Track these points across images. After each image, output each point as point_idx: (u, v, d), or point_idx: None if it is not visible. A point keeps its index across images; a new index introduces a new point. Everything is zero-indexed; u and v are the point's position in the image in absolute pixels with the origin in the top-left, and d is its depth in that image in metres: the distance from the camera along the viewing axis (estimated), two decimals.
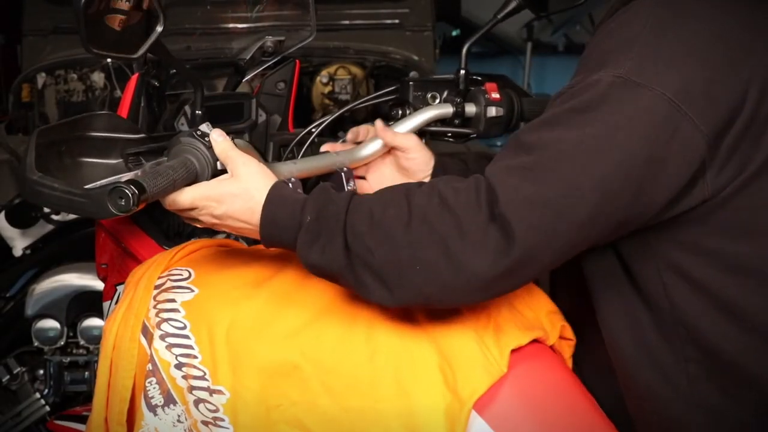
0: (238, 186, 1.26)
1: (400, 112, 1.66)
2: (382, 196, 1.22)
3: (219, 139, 1.29)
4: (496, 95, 1.64)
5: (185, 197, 1.26)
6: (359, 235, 1.17)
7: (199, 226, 1.32)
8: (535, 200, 1.10)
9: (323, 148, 1.61)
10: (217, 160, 1.29)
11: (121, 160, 1.43)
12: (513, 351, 1.26)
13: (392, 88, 1.73)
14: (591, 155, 1.10)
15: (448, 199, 1.15)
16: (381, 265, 1.16)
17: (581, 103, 1.13)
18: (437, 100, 1.67)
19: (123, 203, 1.16)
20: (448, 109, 1.64)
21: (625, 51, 1.13)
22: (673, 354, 1.20)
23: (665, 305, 1.19)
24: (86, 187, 1.28)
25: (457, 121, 1.64)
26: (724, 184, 1.13)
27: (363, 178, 1.62)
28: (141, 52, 1.29)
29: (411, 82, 1.68)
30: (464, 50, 1.65)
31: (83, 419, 1.76)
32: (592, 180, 1.10)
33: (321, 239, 1.20)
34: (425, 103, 1.66)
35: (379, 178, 1.61)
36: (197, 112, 1.40)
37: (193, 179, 1.28)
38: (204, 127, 1.31)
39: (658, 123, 1.10)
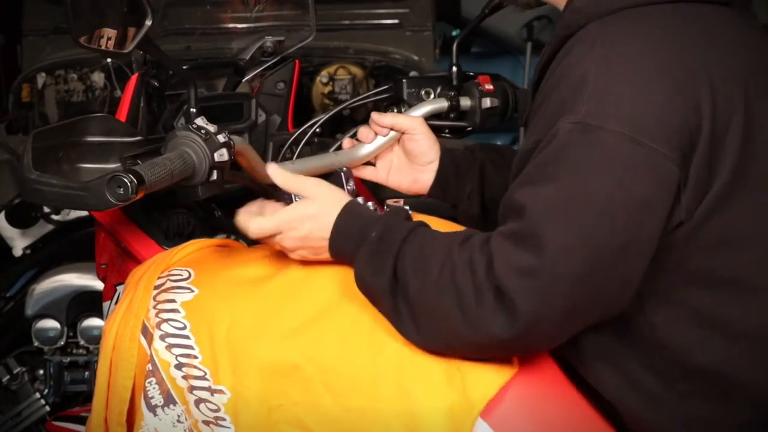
0: (317, 205, 1.31)
1: (395, 109, 1.67)
2: (438, 236, 1.24)
3: (277, 172, 1.36)
4: (489, 87, 1.65)
5: (270, 223, 1.31)
6: (406, 267, 1.20)
7: (284, 251, 1.34)
8: (528, 269, 1.10)
9: (345, 145, 1.60)
10: (215, 152, 1.30)
11: (119, 164, 1.43)
12: (521, 363, 1.25)
13: (386, 86, 1.74)
14: (570, 210, 1.10)
15: (474, 256, 1.15)
16: (414, 299, 1.19)
17: (547, 156, 1.13)
18: (431, 96, 1.68)
19: (122, 192, 1.17)
20: (443, 104, 1.64)
21: (577, 96, 1.13)
22: (659, 377, 1.19)
23: (646, 330, 1.19)
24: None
25: (452, 116, 1.65)
26: (696, 204, 1.13)
27: (373, 164, 1.62)
28: (131, 47, 1.30)
29: (404, 80, 1.68)
30: (455, 45, 1.67)
31: (82, 420, 1.76)
32: (578, 236, 1.10)
33: (376, 258, 1.22)
34: (419, 100, 1.67)
35: (386, 165, 1.62)
36: (192, 109, 1.41)
37: (190, 171, 1.28)
38: (200, 121, 1.32)
39: (626, 162, 1.09)
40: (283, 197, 1.40)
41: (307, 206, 1.32)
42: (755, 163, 1.16)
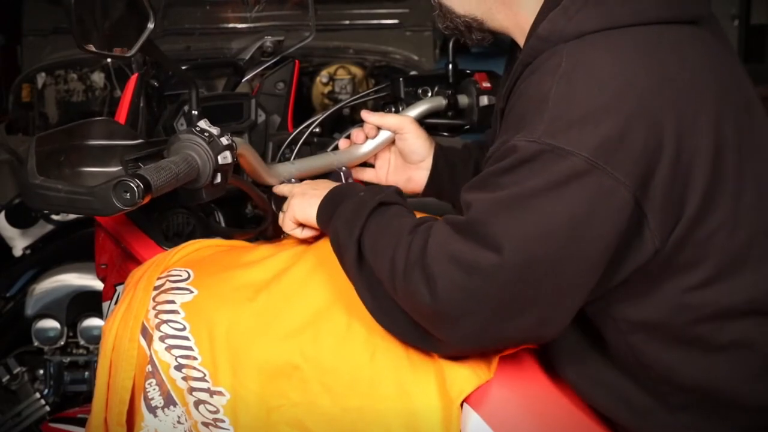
0: (320, 182, 1.44)
1: (392, 108, 1.67)
2: (397, 217, 1.26)
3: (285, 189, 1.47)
4: (486, 84, 1.65)
5: (285, 187, 1.46)
6: (366, 241, 1.25)
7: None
8: (458, 258, 1.11)
9: (341, 145, 1.61)
10: (218, 154, 1.30)
11: (120, 167, 1.43)
12: (505, 356, 1.25)
13: (383, 85, 1.74)
14: (510, 215, 1.10)
15: (414, 238, 1.18)
16: (370, 269, 1.24)
17: (499, 168, 1.13)
18: (429, 95, 1.67)
19: (128, 197, 1.17)
20: (440, 102, 1.64)
21: (536, 115, 1.12)
22: (649, 393, 1.19)
23: (626, 351, 1.18)
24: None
25: (450, 114, 1.64)
26: (669, 230, 1.12)
27: (372, 166, 1.63)
28: (134, 50, 1.30)
29: (401, 78, 1.68)
30: (451, 43, 1.66)
31: (80, 421, 1.76)
32: (513, 241, 1.09)
33: (346, 228, 1.28)
34: (417, 99, 1.67)
35: (385, 165, 1.63)
36: (193, 111, 1.41)
37: (195, 174, 1.28)
38: (203, 124, 1.32)
39: (575, 182, 1.08)
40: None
41: (315, 182, 1.45)
42: (726, 186, 1.14)
